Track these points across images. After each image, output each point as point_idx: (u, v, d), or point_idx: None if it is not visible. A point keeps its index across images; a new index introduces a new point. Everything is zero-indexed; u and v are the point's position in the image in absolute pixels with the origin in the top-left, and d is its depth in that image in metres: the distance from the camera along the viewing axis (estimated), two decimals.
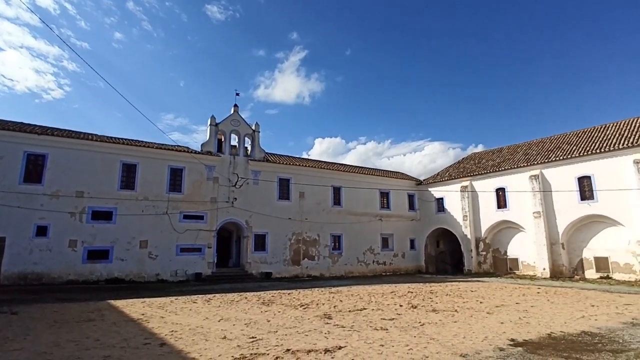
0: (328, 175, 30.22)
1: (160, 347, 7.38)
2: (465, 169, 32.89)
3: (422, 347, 7.43)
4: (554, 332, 8.67)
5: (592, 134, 26.74)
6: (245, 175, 26.41)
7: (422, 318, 10.62)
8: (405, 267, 32.48)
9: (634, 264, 22.23)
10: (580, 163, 24.54)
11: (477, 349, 7.25)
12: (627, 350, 7.11)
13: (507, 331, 8.82)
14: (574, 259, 25.14)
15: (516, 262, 28.02)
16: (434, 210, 33.29)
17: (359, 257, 30.33)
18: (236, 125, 27.29)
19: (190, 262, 23.63)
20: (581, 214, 24.36)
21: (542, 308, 12.38)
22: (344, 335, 8.49)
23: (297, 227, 27.93)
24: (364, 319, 10.56)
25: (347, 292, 17.59)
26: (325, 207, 29.52)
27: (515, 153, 30.72)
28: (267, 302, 14.04)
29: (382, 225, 31.80)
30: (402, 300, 14.52)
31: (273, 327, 9.32)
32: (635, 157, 22.00)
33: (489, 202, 29.42)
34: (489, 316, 10.89)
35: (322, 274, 28.07)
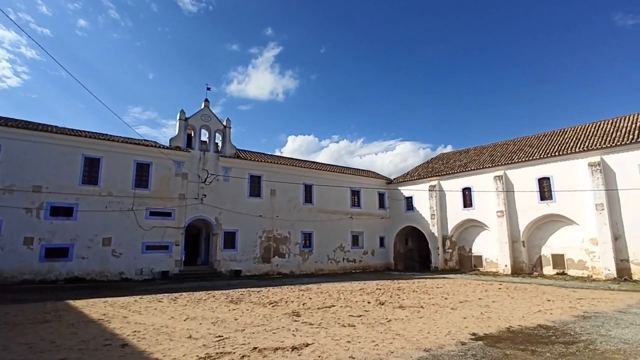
0: (300, 173, 30.18)
1: (122, 348, 7.14)
2: (434, 169, 33.75)
3: (388, 342, 7.57)
4: (513, 326, 9.06)
5: (552, 138, 28.10)
6: (215, 172, 25.94)
7: (389, 314, 10.82)
8: (375, 265, 32.98)
9: (586, 260, 23.59)
10: (541, 165, 25.74)
11: (441, 343, 7.48)
12: (577, 342, 7.54)
13: (469, 326, 9.13)
14: (534, 256, 26.37)
15: (480, 259, 29.07)
16: (403, 209, 33.97)
17: (330, 254, 30.52)
18: (207, 121, 26.73)
19: (156, 260, 22.98)
20: (540, 213, 25.57)
21: (502, 303, 12.91)
22: (311, 332, 8.52)
23: (268, 225, 27.75)
24: (332, 316, 10.64)
25: (316, 289, 17.67)
26: (297, 204, 29.48)
27: (481, 154, 31.81)
28: (236, 300, 13.87)
29: (352, 223, 32.13)
30: (370, 297, 14.74)
31: (240, 326, 9.23)
32: (589, 161, 23.31)
33: (455, 201, 30.34)
34: (453, 312, 11.25)
35: (292, 271, 28.04)
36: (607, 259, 22.01)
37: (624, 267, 21.67)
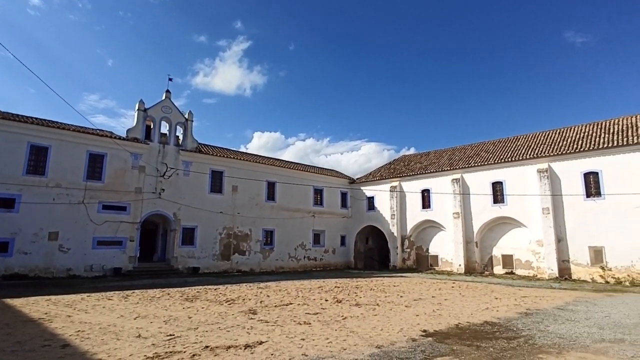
0: (263, 170, 29.90)
1: (62, 348, 6.75)
2: (396, 170, 34.56)
3: (342, 339, 7.67)
4: (461, 323, 9.47)
5: (506, 144, 29.60)
6: (175, 166, 25.13)
7: (345, 312, 10.97)
8: (335, 263, 33.32)
9: (532, 261, 25.09)
10: (495, 170, 27.05)
11: (392, 340, 7.67)
12: (518, 337, 7.99)
13: (421, 323, 9.44)
14: (485, 256, 27.70)
15: (436, 258, 30.13)
16: (364, 208, 34.53)
17: (291, 252, 30.47)
18: (168, 112, 25.82)
19: (108, 256, 21.93)
20: (493, 215, 26.89)
21: (454, 301, 13.45)
22: (266, 330, 8.47)
23: (229, 221, 27.27)
24: (289, 313, 10.63)
25: (275, 287, 17.59)
26: (259, 201, 29.18)
27: (441, 157, 32.95)
28: (191, 298, 13.53)
29: (314, 222, 32.26)
30: (328, 295, 14.87)
31: (194, 324, 9.01)
32: (538, 167, 24.79)
33: (415, 202, 31.24)
34: (407, 309, 11.58)
35: (252, 269, 27.74)
36: (551, 259, 23.52)
37: (565, 267, 23.25)
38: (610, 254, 21.75)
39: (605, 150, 22.53)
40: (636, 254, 20.92)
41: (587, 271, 22.46)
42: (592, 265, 22.37)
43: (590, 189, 22.94)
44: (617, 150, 22.10)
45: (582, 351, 6.92)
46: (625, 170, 21.64)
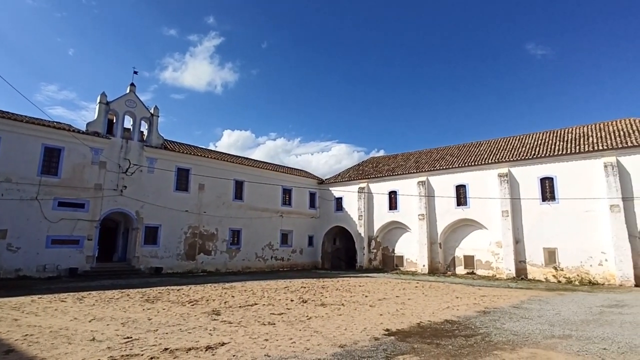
0: (231, 169, 29.42)
1: (6, 354, 6.32)
2: (364, 172, 35.01)
3: (306, 339, 7.66)
4: (423, 322, 9.71)
5: (469, 149, 30.70)
6: (139, 162, 24.24)
7: (310, 312, 10.97)
8: (303, 263, 33.30)
9: (492, 261, 26.16)
10: (459, 173, 27.98)
11: (356, 339, 7.75)
12: (476, 335, 8.29)
13: (384, 322, 9.59)
14: (448, 257, 28.59)
15: (402, 259, 30.77)
16: (333, 209, 34.75)
17: (258, 252, 30.17)
18: (132, 107, 24.87)
19: (64, 255, 20.82)
20: (456, 217, 27.81)
21: (417, 301, 13.78)
22: (229, 331, 8.33)
23: (195, 220, 26.62)
24: (253, 314, 10.51)
25: (240, 287, 17.34)
26: (226, 200, 28.69)
27: (408, 160, 33.70)
28: (152, 299, 13.08)
29: (282, 222, 32.10)
30: (294, 295, 14.83)
31: (154, 326, 8.72)
32: (499, 172, 25.88)
33: (382, 204, 31.78)
34: (371, 309, 11.74)
35: (218, 269, 27.22)
36: (509, 260, 24.60)
37: (522, 267, 24.39)
38: (563, 255, 23.05)
39: (559, 157, 23.85)
40: (585, 255, 22.28)
41: (541, 271, 23.67)
42: (546, 265, 23.60)
43: (545, 193, 24.20)
44: (571, 158, 23.46)
45: (533, 347, 7.27)
46: (578, 177, 23.01)
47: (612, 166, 21.69)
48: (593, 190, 22.26)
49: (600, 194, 21.94)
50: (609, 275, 21.35)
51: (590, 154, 22.80)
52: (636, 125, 23.90)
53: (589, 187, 22.45)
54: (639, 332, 8.78)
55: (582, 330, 8.85)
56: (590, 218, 22.28)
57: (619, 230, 20.96)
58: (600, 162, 22.25)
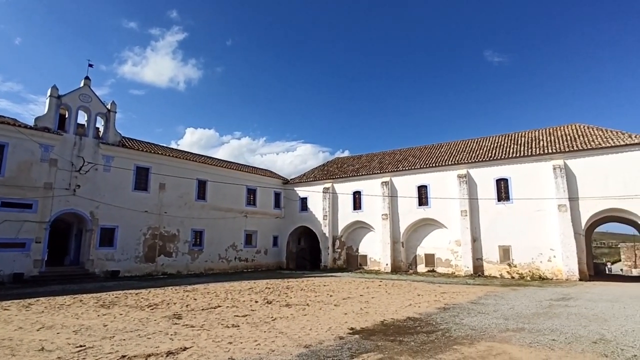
0: (194, 168, 28.62)
1: None
2: (329, 172, 35.25)
3: (270, 341, 7.59)
4: (386, 320, 9.90)
5: (431, 150, 31.71)
6: (94, 160, 23.01)
7: (275, 313, 10.89)
8: (267, 264, 33.01)
9: (451, 259, 27.16)
10: (420, 174, 28.84)
11: (321, 339, 7.77)
12: (437, 331, 8.57)
13: (348, 321, 9.69)
14: (410, 255, 29.38)
15: (365, 258, 31.26)
16: (298, 209, 34.71)
17: (221, 253, 29.56)
18: (86, 101, 23.56)
19: (7, 260, 19.35)
20: (418, 217, 28.64)
21: (380, 299, 14.04)
22: (191, 335, 8.09)
23: (155, 221, 25.66)
24: (216, 317, 10.27)
25: (203, 289, 16.90)
26: (188, 200, 27.88)
27: (372, 161, 34.30)
28: (108, 304, 12.45)
29: (246, 222, 31.66)
30: (258, 296, 14.66)
31: (110, 332, 8.30)
32: (458, 173, 26.92)
33: (346, 204, 32.14)
34: (336, 308, 11.83)
35: (179, 271, 26.39)
36: (467, 258, 25.65)
37: (479, 264, 25.51)
38: (516, 252, 24.35)
39: (514, 159, 25.18)
40: (536, 252, 23.67)
41: (496, 268, 24.87)
42: (501, 262, 24.83)
43: (501, 193, 25.47)
44: (523, 160, 24.82)
45: (490, 340, 7.62)
46: (530, 178, 24.39)
47: (560, 168, 23.17)
48: (543, 191, 23.68)
49: (549, 194, 23.38)
50: (557, 271, 22.79)
51: (541, 157, 24.23)
52: (581, 130, 25.67)
53: (539, 188, 23.85)
54: (583, 323, 9.43)
55: (534, 323, 9.38)
56: (540, 217, 23.68)
57: (566, 228, 22.43)
58: (550, 165, 23.71)
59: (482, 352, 6.79)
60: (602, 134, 24.11)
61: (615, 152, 22.04)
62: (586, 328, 8.81)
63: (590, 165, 22.68)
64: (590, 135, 24.42)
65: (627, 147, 21.78)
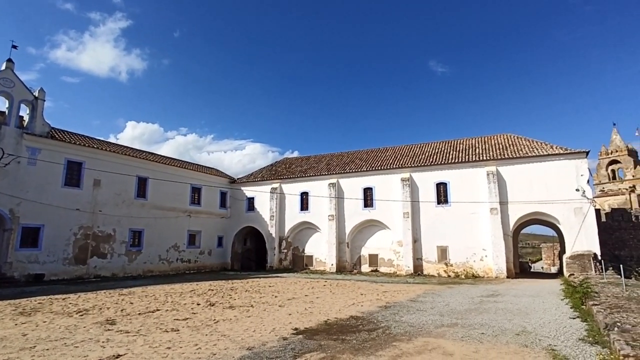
0: (134, 164, 26.99)
1: None
2: (277, 172, 35.05)
3: (212, 344, 7.39)
4: (330, 319, 10.05)
5: (377, 154, 32.73)
6: (16, 152, 20.86)
7: (218, 315, 10.61)
8: (211, 265, 32.05)
9: (394, 259, 28.22)
10: (366, 176, 29.64)
11: (264, 340, 7.70)
12: (378, 328, 8.86)
13: (293, 321, 9.70)
14: (355, 255, 30.07)
15: (311, 258, 31.48)
16: (244, 209, 34.10)
17: (162, 254, 28.18)
18: (8, 86, 21.31)
19: None
20: (363, 218, 29.40)
21: (325, 299, 14.21)
22: (126, 341, 7.63)
23: (88, 220, 23.82)
24: (154, 321, 9.78)
25: (141, 292, 16.01)
26: (127, 198, 26.24)
27: (320, 162, 34.64)
28: (29, 311, 11.35)
29: (190, 222, 30.49)
30: (200, 298, 14.19)
31: (30, 342, 7.57)
32: (402, 176, 28.06)
33: (294, 204, 32.15)
34: (280, 309, 11.79)
35: (114, 273, 24.73)
36: (408, 258, 26.79)
37: (419, 264, 26.75)
38: (452, 252, 25.87)
39: (452, 165, 26.75)
40: (470, 251, 25.33)
41: (435, 267, 26.24)
42: (439, 262, 26.24)
43: (440, 197, 26.92)
44: (461, 166, 26.46)
45: (426, 336, 8.02)
46: (466, 183, 26.04)
47: (492, 174, 25.02)
48: (477, 195, 25.40)
49: (483, 198, 25.13)
50: (487, 269, 24.55)
51: (476, 163, 25.98)
52: (512, 140, 27.93)
53: (474, 192, 25.56)
54: (508, 317, 10.26)
55: (466, 319, 10.03)
56: (474, 219, 25.38)
57: (496, 230, 24.26)
58: (484, 171, 25.50)
59: (419, 347, 7.14)
60: (529, 144, 26.43)
61: (539, 161, 24.26)
62: (511, 321, 9.59)
63: (518, 172, 24.74)
64: (519, 145, 26.66)
65: (549, 156, 24.07)
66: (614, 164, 52.00)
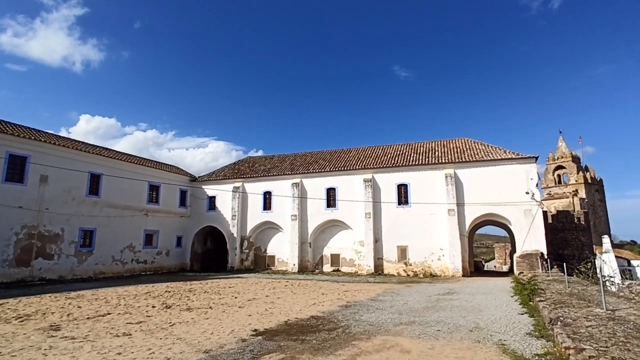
0: (86, 159, 25.50)
1: None
2: (240, 171, 34.46)
3: (167, 348, 7.10)
4: (290, 319, 9.97)
5: (340, 155, 33.02)
6: None
7: (174, 318, 10.24)
8: (169, 266, 30.94)
9: (355, 259, 28.57)
10: (330, 177, 29.81)
11: (222, 343, 7.51)
12: (338, 328, 8.90)
13: (252, 323, 9.54)
14: (317, 255, 30.15)
15: (273, 258, 31.21)
16: (205, 208, 33.23)
17: (116, 255, 26.82)
18: None
19: None
20: (326, 218, 29.54)
21: (286, 299, 14.11)
22: (71, 348, 7.16)
23: (32, 219, 22.20)
24: (104, 325, 9.27)
25: (91, 295, 15.15)
26: (78, 196, 24.73)
27: (284, 162, 34.44)
28: None
29: (147, 221, 29.26)
30: (156, 300, 13.64)
31: None
32: (364, 177, 28.48)
33: (256, 204, 31.73)
34: (240, 310, 11.56)
35: (62, 276, 23.23)
36: (369, 257, 27.22)
37: (380, 263, 27.26)
38: (412, 252, 26.58)
39: (413, 167, 27.49)
40: (428, 251, 26.13)
41: (395, 266, 26.84)
42: (399, 261, 26.87)
43: (401, 198, 27.59)
44: (421, 168, 27.24)
45: (385, 334, 8.16)
46: (426, 185, 26.85)
47: (450, 177, 25.96)
48: (436, 196, 26.25)
49: (441, 199, 26.01)
50: (444, 268, 25.44)
51: (435, 166, 26.85)
52: (469, 144, 29.13)
53: (433, 194, 26.40)
54: (462, 314, 10.65)
55: (423, 316, 10.31)
56: (433, 220, 26.22)
57: (453, 230, 25.19)
58: (443, 173, 26.41)
59: (378, 345, 7.24)
60: (484, 148, 27.70)
61: (494, 165, 25.47)
62: (465, 318, 9.96)
63: (474, 175, 25.83)
64: (475, 149, 27.86)
65: (502, 161, 25.33)
66: (560, 169, 55.76)
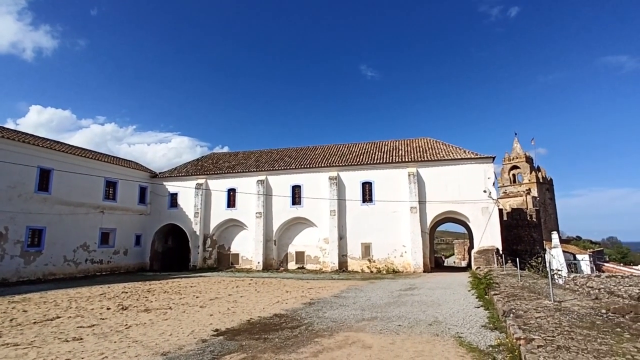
0: (35, 153, 23.86)
1: None
2: (203, 167, 33.60)
3: (121, 352, 6.79)
4: (253, 318, 9.84)
5: (305, 152, 32.96)
6: None
7: (131, 320, 9.81)
8: (127, 265, 29.66)
9: (320, 256, 28.69)
10: (295, 174, 29.70)
11: (181, 344, 7.28)
12: (301, 325, 8.88)
13: (214, 322, 9.33)
14: (282, 253, 29.99)
15: (237, 257, 30.71)
16: (166, 205, 32.13)
17: (68, 255, 25.34)
18: None
19: None
20: (291, 216, 29.42)
21: (249, 297, 13.92)
22: (13, 356, 6.68)
23: None
24: (53, 330, 8.73)
25: (38, 298, 14.22)
26: (25, 192, 23.12)
27: (249, 158, 33.94)
28: None
29: (103, 219, 27.88)
30: (111, 302, 13.02)
31: None
32: (329, 175, 28.61)
33: (220, 201, 31.07)
34: (201, 310, 11.27)
35: (5, 278, 21.62)
36: (334, 254, 27.41)
37: (344, 260, 27.52)
38: (375, 249, 27.04)
39: (377, 165, 27.94)
40: (391, 248, 26.69)
41: (359, 263, 27.20)
42: (362, 258, 27.25)
43: (365, 195, 27.97)
44: (385, 166, 27.74)
45: (347, 331, 8.23)
46: (389, 182, 27.37)
47: (413, 175, 26.63)
48: (399, 194, 26.85)
49: (404, 197, 26.63)
50: (407, 264, 26.09)
51: (399, 164, 27.43)
52: (431, 143, 29.99)
53: (396, 192, 26.98)
54: (423, 308, 10.96)
55: (385, 312, 10.50)
56: (396, 217, 26.80)
57: (415, 227, 25.88)
58: (406, 172, 27.03)
59: (340, 341, 7.28)
60: (445, 147, 28.63)
61: (454, 164, 26.38)
62: (425, 313, 10.25)
63: (435, 174, 26.64)
64: (437, 149, 28.73)
65: (462, 160, 26.28)
66: (515, 169, 58.78)
